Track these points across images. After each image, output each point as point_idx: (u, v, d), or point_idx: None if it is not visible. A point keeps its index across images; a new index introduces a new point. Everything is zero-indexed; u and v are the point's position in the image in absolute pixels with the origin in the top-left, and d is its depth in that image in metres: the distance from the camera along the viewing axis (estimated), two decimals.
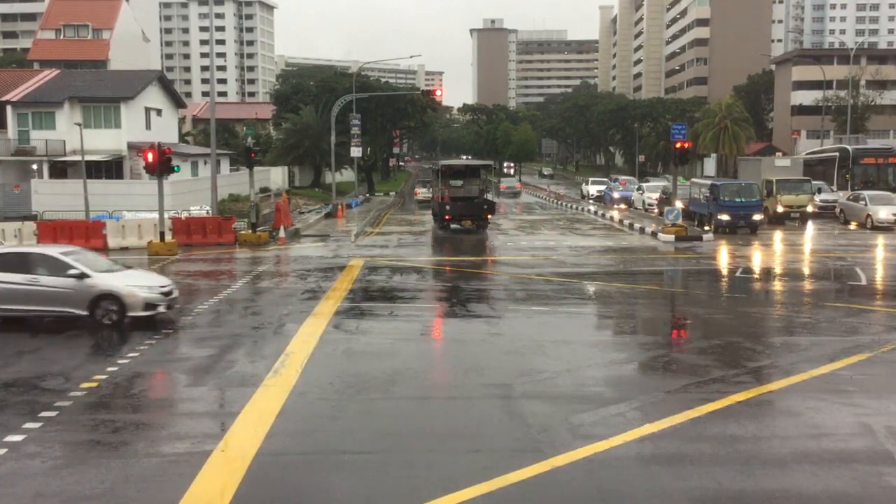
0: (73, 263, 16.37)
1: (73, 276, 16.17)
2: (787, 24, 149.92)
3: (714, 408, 11.03)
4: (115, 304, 16.27)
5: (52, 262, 16.54)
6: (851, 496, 8.29)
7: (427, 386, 12.87)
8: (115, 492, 8.41)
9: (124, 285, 16.49)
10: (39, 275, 16.33)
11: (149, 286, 16.79)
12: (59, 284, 16.22)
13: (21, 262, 16.63)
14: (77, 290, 16.19)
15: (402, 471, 9.03)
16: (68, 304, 16.22)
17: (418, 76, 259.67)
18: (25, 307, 16.38)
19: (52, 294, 16.26)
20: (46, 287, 16.27)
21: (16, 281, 16.25)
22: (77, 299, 16.21)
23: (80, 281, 16.21)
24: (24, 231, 31.12)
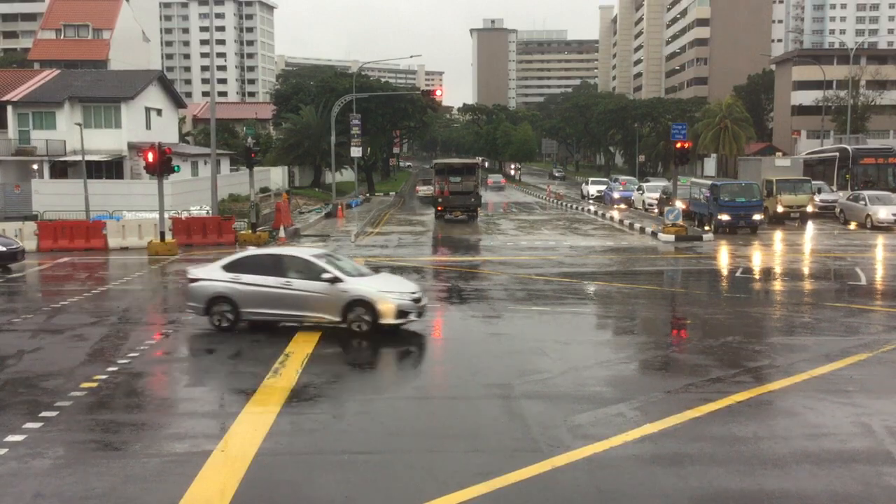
0: (325, 266, 15.43)
1: (326, 280, 15.17)
2: (787, 24, 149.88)
3: (714, 408, 11.03)
4: (367, 310, 15.11)
5: (304, 265, 15.67)
6: (851, 496, 8.29)
7: (427, 386, 12.88)
8: (115, 492, 8.41)
9: (376, 291, 15.36)
10: (291, 278, 15.45)
11: (399, 292, 15.59)
12: (312, 289, 15.27)
13: (274, 265, 15.81)
14: (330, 295, 15.18)
15: (402, 471, 9.03)
16: (321, 309, 15.24)
17: (418, 76, 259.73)
18: (278, 311, 15.54)
19: (305, 299, 15.33)
20: (299, 291, 15.36)
21: (269, 284, 15.45)
22: (330, 305, 15.19)
23: (333, 286, 15.16)
24: (25, 231, 31.11)
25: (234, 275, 15.72)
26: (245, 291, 15.55)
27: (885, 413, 10.91)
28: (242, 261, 16.07)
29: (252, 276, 15.63)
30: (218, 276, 15.86)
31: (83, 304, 19.76)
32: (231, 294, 15.62)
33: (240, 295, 15.57)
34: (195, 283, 16.12)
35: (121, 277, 24.75)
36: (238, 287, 15.59)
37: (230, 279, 15.69)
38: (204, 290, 15.91)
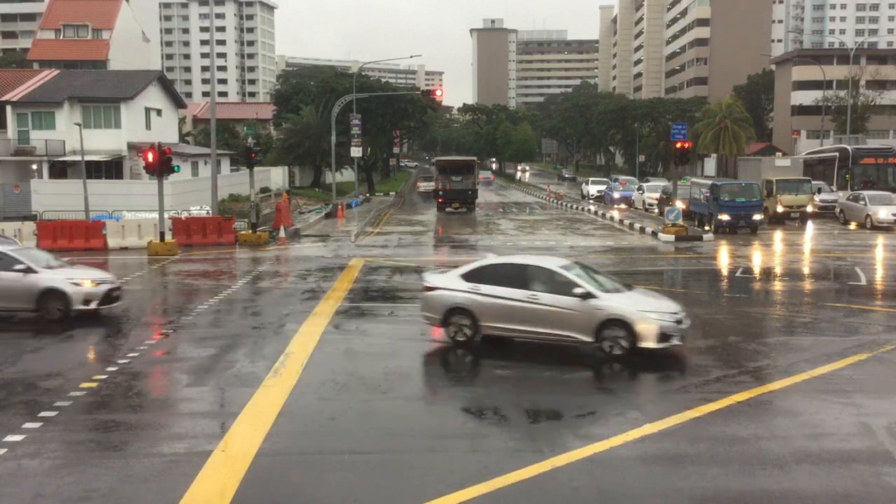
0: (576, 280, 13.91)
1: (577, 295, 13.64)
2: (787, 24, 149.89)
3: (714, 408, 11.03)
4: (624, 331, 13.47)
5: (552, 277, 14.18)
6: (851, 496, 8.29)
7: (427, 386, 12.88)
8: (115, 492, 8.41)
9: (636, 310, 13.66)
10: (537, 291, 13.98)
11: (661, 312, 13.81)
12: (561, 304, 13.73)
13: (518, 276, 14.38)
14: (582, 312, 13.63)
15: (402, 471, 9.03)
16: (571, 327, 13.70)
17: (418, 76, 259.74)
18: (521, 327, 14.10)
19: (553, 315, 13.77)
20: (546, 306, 13.83)
21: (513, 297, 14.05)
22: (581, 323, 13.63)
23: (585, 301, 13.59)
24: (24, 231, 31.10)
25: (473, 284, 14.50)
26: (486, 304, 14.28)
27: (886, 413, 10.91)
28: (483, 270, 14.87)
29: (494, 287, 14.32)
30: (456, 286, 14.68)
31: None
32: (470, 306, 14.38)
33: (480, 307, 14.30)
34: (432, 293, 14.92)
35: (120, 277, 24.69)
36: (478, 298, 14.33)
37: (469, 289, 14.48)
38: (441, 300, 14.70)
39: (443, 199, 48.91)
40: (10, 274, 16.76)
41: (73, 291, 16.88)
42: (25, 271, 16.82)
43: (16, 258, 17.04)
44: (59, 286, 16.86)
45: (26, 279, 16.81)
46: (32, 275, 16.87)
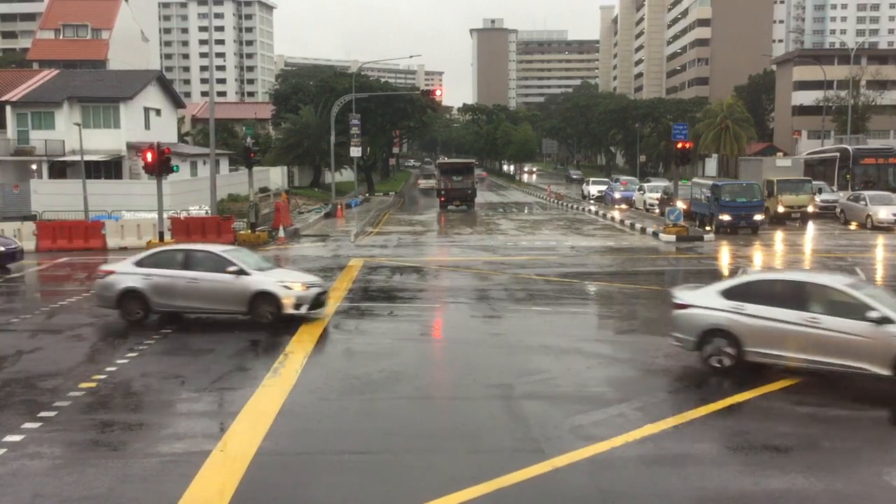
0: (869, 302, 11.80)
1: (873, 320, 11.54)
2: (787, 24, 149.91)
3: (714, 408, 11.01)
4: None
5: (837, 297, 12.21)
6: (851, 496, 8.26)
7: (427, 386, 12.85)
8: (115, 492, 8.38)
9: None
10: (819, 313, 12.04)
11: None
12: (851, 330, 11.71)
13: (793, 294, 12.54)
14: (877, 340, 11.53)
15: (402, 471, 9.01)
16: (863, 358, 11.63)
17: (418, 76, 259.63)
18: (799, 355, 12.14)
19: (841, 343, 11.75)
20: (833, 332, 11.81)
21: (788, 319, 12.16)
22: (878, 354, 11.54)
23: (881, 328, 11.53)
24: (24, 231, 31.07)
25: (736, 303, 12.75)
26: (753, 326, 12.46)
27: (885, 413, 10.87)
28: (749, 286, 13.17)
29: (762, 306, 12.50)
30: (715, 304, 12.97)
31: (82, 304, 19.71)
32: (733, 328, 12.62)
33: (745, 330, 12.51)
34: (684, 311, 13.24)
35: None
36: (743, 320, 12.56)
37: (732, 308, 12.73)
38: (696, 319, 13.00)
39: (445, 198, 51.93)
40: (223, 276, 16.28)
41: (284, 295, 16.19)
42: (238, 273, 16.25)
43: (229, 260, 16.51)
44: (271, 289, 16.19)
45: (238, 281, 16.24)
46: (245, 277, 16.27)
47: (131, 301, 16.64)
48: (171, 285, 16.51)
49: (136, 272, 16.80)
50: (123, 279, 16.76)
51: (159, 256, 17.31)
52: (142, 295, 16.55)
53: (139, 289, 16.55)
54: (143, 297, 16.56)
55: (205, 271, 16.47)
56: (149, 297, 16.55)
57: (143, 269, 16.82)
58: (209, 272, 16.42)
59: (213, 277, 16.34)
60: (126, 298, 16.65)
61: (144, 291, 16.54)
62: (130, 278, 16.71)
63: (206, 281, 16.37)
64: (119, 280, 16.80)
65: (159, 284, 16.53)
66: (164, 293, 16.53)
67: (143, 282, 16.60)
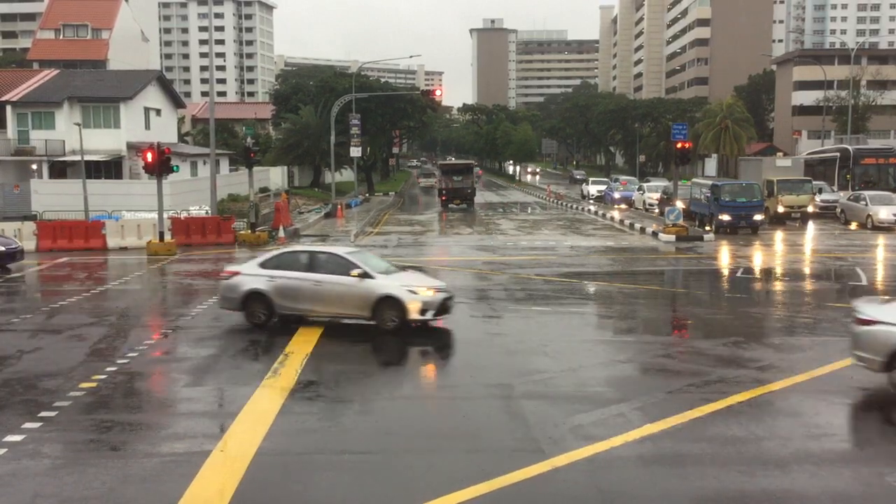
0: None
1: None
2: (787, 24, 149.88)
3: (714, 408, 11.00)
4: None
5: None
6: (852, 496, 8.27)
7: (427, 386, 12.85)
8: (115, 492, 8.39)
9: None
10: None
11: None
12: None
13: None
14: None
15: (402, 471, 9.01)
16: None
17: (418, 76, 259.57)
18: None
19: None
20: None
21: None
22: None
23: None
24: (24, 231, 31.08)
25: None
26: None
27: (886, 413, 10.88)
28: None
29: None
30: None
31: (82, 304, 19.73)
32: None
33: None
34: (873, 328, 11.42)
35: (120, 277, 24.73)
36: None
37: None
38: (885, 337, 11.22)
39: (446, 197, 54.53)
40: (347, 279, 15.60)
41: (409, 300, 15.39)
42: (362, 276, 15.57)
43: (353, 262, 15.84)
44: (396, 293, 15.42)
45: (362, 285, 15.54)
46: (368, 280, 15.57)
47: (256, 303, 16.10)
48: (294, 288, 15.93)
49: (260, 274, 16.24)
50: (248, 281, 16.21)
51: (283, 258, 16.70)
52: (266, 297, 16.00)
53: (263, 291, 16.00)
54: (268, 300, 16.00)
55: (328, 274, 15.84)
56: (273, 299, 15.97)
57: (268, 270, 16.25)
58: (333, 275, 15.77)
59: (336, 280, 15.70)
60: (251, 300, 16.11)
61: (269, 294, 15.97)
62: (255, 280, 16.15)
63: (330, 284, 15.75)
64: (244, 282, 16.25)
65: (283, 287, 15.95)
66: (287, 296, 15.95)
67: (267, 284, 16.03)
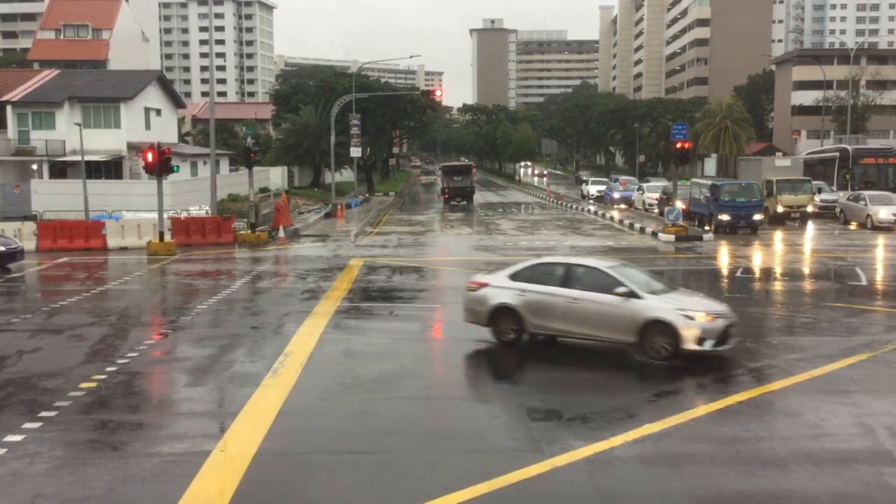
0: None
1: None
2: (787, 24, 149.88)
3: (714, 408, 11.01)
4: None
5: None
6: (852, 496, 8.27)
7: (427, 386, 12.85)
8: (115, 492, 8.39)
9: None
10: None
11: None
12: None
13: None
14: None
15: (401, 471, 9.01)
16: None
17: (418, 76, 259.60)
18: None
19: None
20: None
21: None
22: None
23: None
24: (24, 231, 31.08)
25: None
26: None
27: (886, 413, 10.89)
28: None
29: None
30: None
31: (82, 304, 19.73)
32: None
33: None
34: None
35: (120, 277, 24.74)
36: None
37: None
38: None
39: (448, 196, 58.78)
40: (609, 297, 13.71)
41: (683, 325, 13.24)
42: (627, 295, 13.61)
43: (617, 279, 13.91)
44: (668, 318, 13.29)
45: (627, 305, 13.58)
46: (635, 301, 13.58)
47: (504, 319, 14.59)
48: (547, 304, 14.24)
49: (510, 287, 14.70)
50: (496, 294, 14.71)
51: (536, 270, 15.01)
52: (516, 313, 14.45)
53: (513, 306, 14.46)
54: (518, 316, 14.45)
55: (587, 290, 14.04)
56: (523, 315, 14.40)
57: (518, 283, 14.72)
58: (593, 291, 13.96)
59: (597, 298, 13.86)
60: (499, 315, 14.63)
61: (519, 309, 14.41)
62: (504, 293, 14.63)
63: (589, 302, 13.92)
64: (492, 294, 14.77)
65: (534, 302, 14.33)
66: (539, 313, 14.30)
67: (517, 298, 14.46)
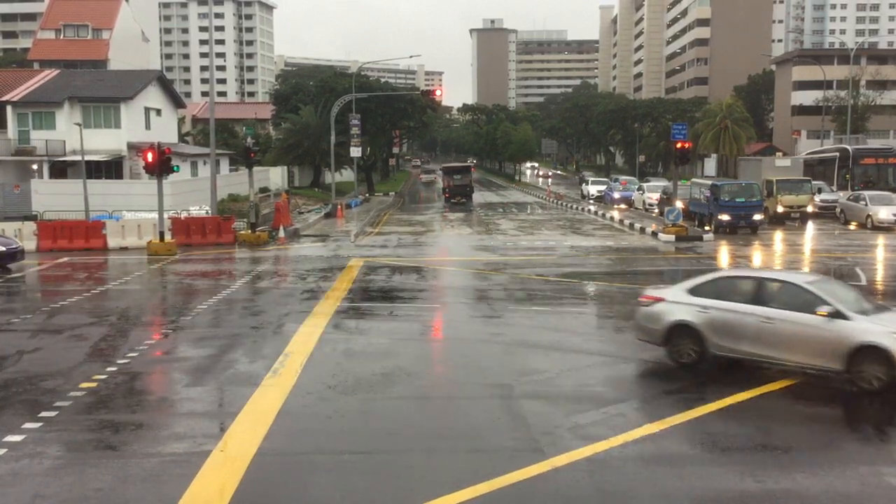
0: None
1: None
2: (787, 24, 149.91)
3: (714, 408, 11.01)
4: None
5: None
6: (851, 496, 8.28)
7: (427, 386, 12.85)
8: (115, 492, 8.40)
9: None
10: None
11: None
12: None
13: None
14: None
15: (402, 471, 9.02)
16: None
17: (418, 76, 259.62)
18: None
19: None
20: None
21: None
22: None
23: None
24: (24, 231, 31.08)
25: None
26: None
27: (885, 413, 10.89)
28: None
29: None
30: None
31: (83, 304, 19.74)
32: None
33: None
34: None
35: (120, 277, 24.74)
36: None
37: None
38: None
39: (448, 194, 61.90)
40: (810, 318, 12.02)
41: None
42: (833, 316, 11.87)
43: (819, 296, 12.16)
44: (884, 343, 11.43)
45: (832, 327, 11.83)
46: (842, 322, 11.83)
47: (683, 338, 13.08)
48: (735, 324, 12.63)
49: (689, 302, 13.22)
50: (674, 310, 13.26)
51: (721, 284, 13.59)
52: (696, 332, 12.91)
53: (693, 324, 12.93)
54: (699, 336, 12.90)
55: (783, 308, 12.40)
56: (705, 335, 12.82)
57: (699, 298, 13.21)
58: (789, 310, 12.31)
59: (794, 318, 12.16)
60: (676, 334, 13.13)
61: (699, 328, 12.88)
62: (683, 309, 13.16)
63: (785, 322, 12.22)
64: (668, 310, 13.33)
65: (719, 321, 12.77)
66: (724, 333, 12.70)
67: (698, 315, 12.93)
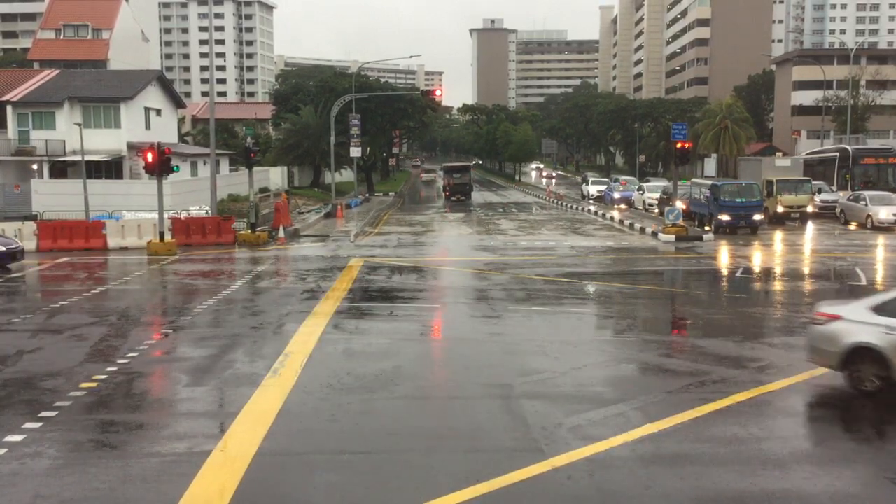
0: None
1: None
2: (787, 24, 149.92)
3: (714, 408, 11.01)
4: None
5: None
6: (851, 496, 8.28)
7: (427, 386, 12.85)
8: (115, 492, 8.40)
9: None
10: None
11: None
12: None
13: None
14: None
15: (402, 471, 9.02)
16: None
17: (418, 76, 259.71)
18: None
19: None
20: None
21: None
22: None
23: None
24: (24, 231, 31.09)
25: None
26: None
27: (885, 413, 10.89)
28: None
29: None
30: None
31: (83, 304, 19.74)
32: None
33: None
34: None
35: (120, 277, 24.74)
36: None
37: None
38: None
39: (449, 193, 65.17)
40: None
41: None
42: None
43: None
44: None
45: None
46: None
47: (864, 363, 11.23)
48: None
49: (874, 322, 11.23)
50: (853, 330, 11.36)
51: None
52: (882, 357, 10.98)
53: (878, 347, 11.01)
54: (884, 361, 10.96)
55: None
56: (891, 360, 10.89)
57: (885, 318, 11.15)
58: None
59: None
60: (856, 358, 11.30)
61: (886, 353, 10.93)
62: (864, 330, 11.22)
63: None
64: (847, 331, 11.44)
65: None
66: None
67: (884, 338, 10.96)
